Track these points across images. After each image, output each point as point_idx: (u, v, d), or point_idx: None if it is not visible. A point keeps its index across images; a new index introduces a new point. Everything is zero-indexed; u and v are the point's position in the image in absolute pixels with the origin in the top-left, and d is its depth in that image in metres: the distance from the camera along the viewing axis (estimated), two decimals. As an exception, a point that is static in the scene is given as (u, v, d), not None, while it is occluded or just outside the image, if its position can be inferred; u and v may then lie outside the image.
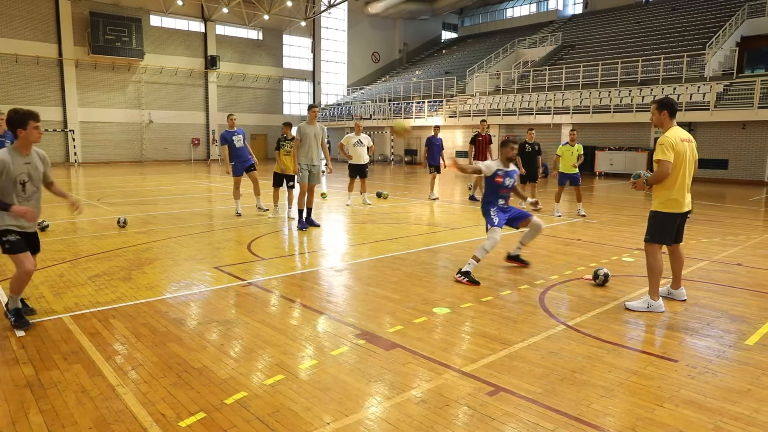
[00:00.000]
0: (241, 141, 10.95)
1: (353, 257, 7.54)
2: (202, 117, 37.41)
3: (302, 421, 3.08)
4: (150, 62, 34.29)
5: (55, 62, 31.17)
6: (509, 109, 28.70)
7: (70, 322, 4.69)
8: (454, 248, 8.00)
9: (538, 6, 43.98)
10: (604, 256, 7.48)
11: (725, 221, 10.92)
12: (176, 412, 3.18)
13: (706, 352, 4.12)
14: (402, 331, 4.50)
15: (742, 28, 26.63)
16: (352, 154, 12.84)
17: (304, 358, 3.96)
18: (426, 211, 12.40)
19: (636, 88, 24.88)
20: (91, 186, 18.19)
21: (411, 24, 47.84)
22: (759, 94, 20.53)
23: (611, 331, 4.57)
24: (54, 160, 31.53)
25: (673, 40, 28.03)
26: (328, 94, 45.06)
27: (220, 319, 4.82)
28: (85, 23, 31.56)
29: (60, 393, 3.40)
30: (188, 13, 35.96)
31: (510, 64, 35.34)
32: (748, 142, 21.39)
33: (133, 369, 3.76)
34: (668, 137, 4.91)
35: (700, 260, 7.26)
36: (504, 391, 3.44)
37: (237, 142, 10.90)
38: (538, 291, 5.74)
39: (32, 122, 4.43)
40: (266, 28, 39.79)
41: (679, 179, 4.94)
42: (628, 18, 34.58)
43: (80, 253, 7.48)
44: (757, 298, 5.57)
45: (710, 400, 3.36)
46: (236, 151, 10.92)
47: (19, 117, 4.36)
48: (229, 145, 10.84)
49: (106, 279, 6.09)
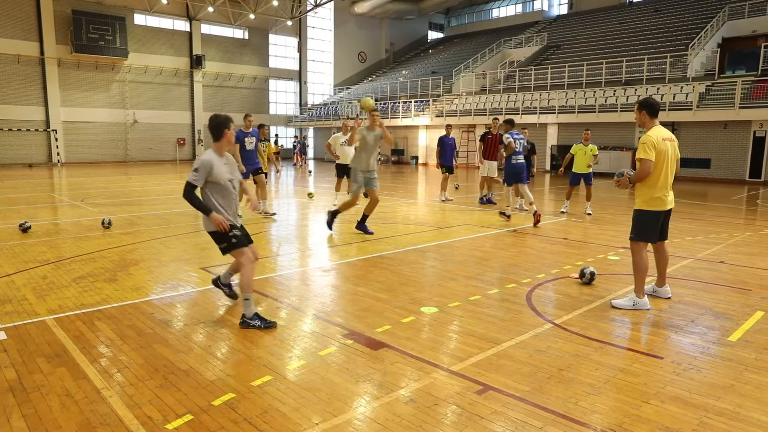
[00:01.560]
0: (253, 144, 10.65)
1: (341, 257, 7.52)
2: (187, 117, 37.13)
3: (290, 421, 3.07)
4: (134, 61, 33.94)
5: (37, 61, 30.73)
6: (495, 109, 28.84)
7: (54, 324, 4.62)
8: (442, 248, 8.02)
9: (523, 6, 44.26)
10: (590, 255, 7.55)
11: (708, 219, 11.08)
12: (163, 414, 3.15)
13: (690, 349, 4.18)
14: (390, 331, 4.50)
15: (723, 30, 27.05)
16: (339, 154, 12.81)
17: (292, 359, 3.94)
18: (413, 210, 12.41)
19: (620, 88, 25.17)
20: (74, 187, 17.96)
21: (397, 24, 47.90)
22: (740, 95, 20.87)
23: (598, 329, 4.61)
24: (36, 160, 31.10)
25: (657, 41, 28.39)
26: (315, 94, 44.96)
27: (207, 320, 4.78)
28: (67, 21, 31.15)
29: (43, 397, 3.35)
30: (173, 12, 35.66)
31: (496, 64, 35.53)
32: (730, 142, 21.73)
33: (118, 371, 3.71)
34: (650, 136, 4.99)
35: (685, 258, 7.35)
36: (492, 390, 3.45)
37: (248, 144, 10.53)
38: (525, 290, 5.77)
39: (232, 125, 4.83)
40: (252, 27, 39.59)
41: (661, 177, 5.01)
42: (612, 19, 34.95)
43: (64, 254, 7.38)
44: (740, 295, 5.65)
45: (695, 396, 3.40)
46: (246, 153, 10.50)
47: (222, 120, 4.73)
48: (239, 146, 10.39)
49: (91, 281, 6.01)
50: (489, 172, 13.14)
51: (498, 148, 13.13)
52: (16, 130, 30.17)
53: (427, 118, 32.23)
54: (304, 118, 41.77)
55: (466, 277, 6.30)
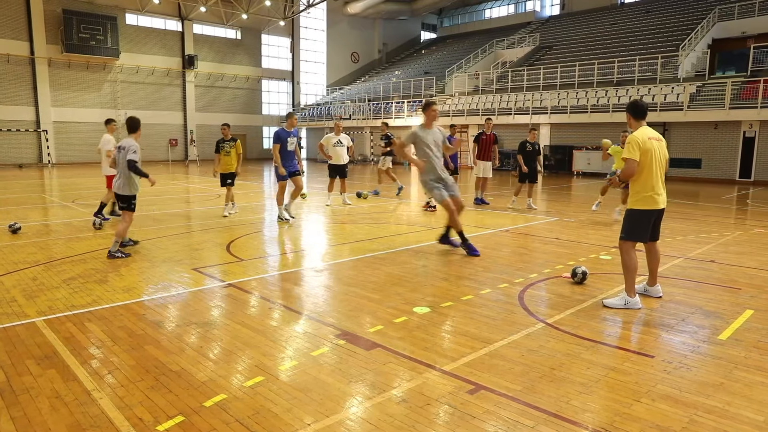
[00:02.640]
0: (294, 144, 10.14)
1: (333, 257, 7.51)
2: (179, 117, 36.94)
3: (283, 422, 3.06)
4: (126, 61, 33.74)
5: (27, 60, 30.49)
6: (488, 110, 28.92)
7: (44, 326, 4.58)
8: (434, 248, 8.02)
9: (516, 7, 44.39)
10: (582, 255, 7.58)
11: (699, 219, 11.16)
12: (154, 416, 3.13)
13: (681, 348, 4.20)
14: (382, 331, 4.50)
15: (713, 31, 27.26)
16: (331, 155, 12.80)
17: (284, 359, 3.93)
18: (405, 211, 12.42)
19: (612, 88, 25.30)
20: (65, 187, 17.83)
21: (390, 24, 47.91)
22: (730, 95, 21.04)
23: (589, 328, 4.63)
24: (27, 160, 30.85)
25: (648, 42, 28.56)
26: (308, 94, 44.88)
27: (199, 321, 4.76)
28: (58, 21, 30.93)
29: (33, 399, 3.32)
30: (165, 12, 35.49)
31: (489, 64, 35.61)
32: (720, 142, 21.90)
33: (109, 373, 3.69)
34: (636, 136, 5.07)
35: (676, 257, 7.40)
36: (484, 389, 3.46)
37: (290, 144, 10.05)
38: (517, 289, 5.79)
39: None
40: (245, 27, 39.47)
41: (651, 176, 5.07)
42: (604, 19, 35.14)
43: (54, 255, 7.33)
44: (730, 294, 5.70)
45: (685, 395, 3.42)
46: (286, 154, 10.03)
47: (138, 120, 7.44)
48: (281, 146, 9.95)
49: (82, 282, 5.97)
50: (484, 172, 13.15)
51: (492, 149, 13.18)
52: (6, 130, 29.91)
53: (420, 118, 32.23)
54: (297, 118, 41.65)
55: (458, 277, 6.31)
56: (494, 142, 13.20)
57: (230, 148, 10.84)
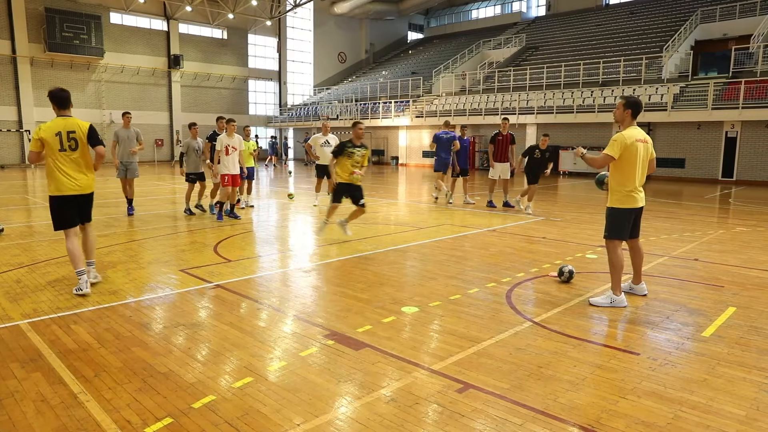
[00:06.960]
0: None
1: (321, 258, 7.51)
2: (165, 117, 36.65)
3: (272, 423, 3.06)
4: (110, 61, 33.40)
5: (8, 60, 30.06)
6: (475, 110, 29.06)
7: (28, 329, 4.52)
8: (422, 248, 8.05)
9: (502, 8, 44.67)
10: (568, 254, 7.65)
11: (683, 218, 11.31)
12: (142, 418, 3.11)
13: (665, 345, 4.27)
14: (371, 331, 4.51)
15: (696, 33, 27.64)
16: (319, 155, 12.76)
17: (273, 360, 3.93)
18: (393, 210, 12.44)
19: (598, 89, 25.55)
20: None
21: (377, 24, 47.93)
22: (712, 96, 21.35)
23: (576, 326, 4.68)
24: (9, 161, 30.41)
25: (632, 43, 28.88)
26: (295, 95, 44.76)
27: (187, 322, 4.73)
28: (40, 19, 30.52)
29: (17, 403, 3.28)
30: (150, 11, 35.18)
31: (475, 64, 35.78)
32: (703, 142, 22.22)
33: (96, 375, 3.65)
34: (623, 135, 5.12)
35: (660, 256, 7.50)
36: (473, 388, 3.48)
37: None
38: (505, 288, 5.83)
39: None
40: (231, 27, 39.26)
41: (633, 176, 5.14)
42: (589, 21, 35.47)
43: (38, 257, 7.23)
44: (713, 291, 5.79)
45: (670, 391, 3.48)
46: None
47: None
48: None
49: (67, 284, 5.90)
50: (502, 174, 12.64)
51: (510, 149, 12.49)
52: (-12, 130, 29.46)
53: (407, 118, 32.31)
54: (284, 118, 41.54)
55: (446, 276, 6.34)
56: (511, 142, 12.54)
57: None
